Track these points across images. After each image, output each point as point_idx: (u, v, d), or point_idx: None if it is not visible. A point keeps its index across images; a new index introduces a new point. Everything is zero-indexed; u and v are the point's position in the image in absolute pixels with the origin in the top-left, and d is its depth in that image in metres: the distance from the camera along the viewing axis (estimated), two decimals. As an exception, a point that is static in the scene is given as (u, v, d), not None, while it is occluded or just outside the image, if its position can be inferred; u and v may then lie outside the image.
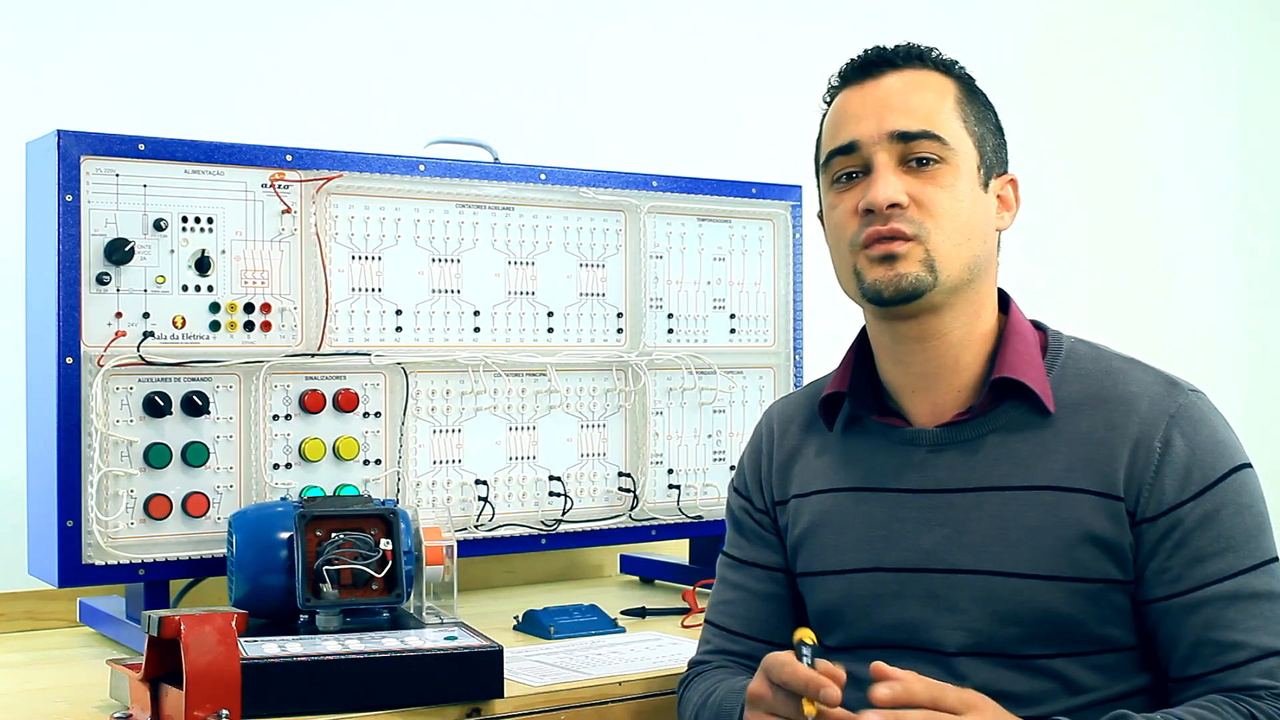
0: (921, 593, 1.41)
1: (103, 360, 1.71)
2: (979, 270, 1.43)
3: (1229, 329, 3.65)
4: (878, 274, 1.40)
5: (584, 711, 1.61)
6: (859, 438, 1.50)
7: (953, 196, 1.40)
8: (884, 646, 1.43)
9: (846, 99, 1.46)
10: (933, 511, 1.42)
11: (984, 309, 1.45)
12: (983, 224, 1.43)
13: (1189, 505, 1.34)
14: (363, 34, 2.38)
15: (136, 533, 1.74)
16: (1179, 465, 1.34)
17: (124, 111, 2.12)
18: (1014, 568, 1.37)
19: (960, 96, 1.44)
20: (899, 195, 1.38)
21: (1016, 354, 1.42)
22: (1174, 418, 1.36)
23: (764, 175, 2.38)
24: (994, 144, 1.46)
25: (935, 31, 3.06)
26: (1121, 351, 1.47)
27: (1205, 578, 1.33)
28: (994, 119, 1.48)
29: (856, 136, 1.42)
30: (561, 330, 2.07)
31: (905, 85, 1.43)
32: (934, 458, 1.43)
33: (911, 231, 1.39)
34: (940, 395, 1.45)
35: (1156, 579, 1.34)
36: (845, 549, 1.47)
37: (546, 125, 2.53)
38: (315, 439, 1.86)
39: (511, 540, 2.02)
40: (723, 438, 2.21)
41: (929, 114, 1.41)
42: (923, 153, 1.40)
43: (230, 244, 1.80)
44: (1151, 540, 1.34)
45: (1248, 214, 3.67)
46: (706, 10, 2.77)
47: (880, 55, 1.45)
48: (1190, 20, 3.60)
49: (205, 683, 1.37)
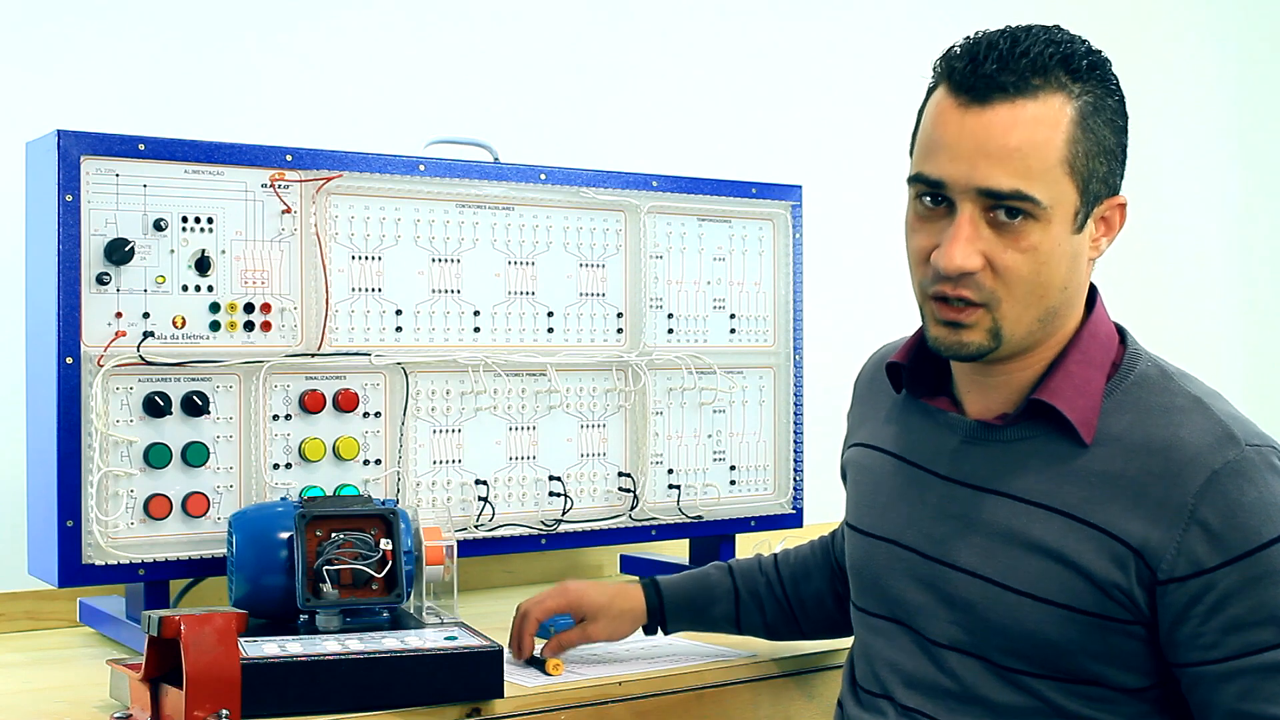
0: (925, 578, 1.42)
1: (103, 360, 1.71)
2: (1053, 314, 1.36)
3: (1229, 328, 3.65)
4: (940, 334, 1.36)
5: (584, 711, 1.61)
6: (914, 411, 1.51)
7: (1033, 259, 1.31)
8: (886, 618, 1.47)
9: (946, 119, 1.32)
10: (950, 502, 1.42)
11: (1061, 329, 1.39)
12: (1065, 273, 1.34)
13: (1226, 570, 1.25)
14: (363, 34, 2.38)
15: (136, 533, 1.74)
16: (1215, 525, 1.25)
17: (124, 111, 2.12)
18: (1009, 581, 1.34)
19: (1076, 128, 1.31)
20: (970, 263, 1.30)
21: (1068, 375, 1.36)
22: (1217, 473, 1.27)
23: (764, 175, 2.38)
24: (1106, 171, 1.35)
25: (935, 33, 3.08)
26: (1200, 387, 1.37)
27: (1245, 647, 1.25)
28: (1112, 140, 1.35)
29: (944, 177, 1.31)
30: (561, 330, 2.06)
31: (1011, 124, 1.28)
32: (967, 449, 1.42)
33: (980, 299, 1.32)
34: (994, 397, 1.42)
35: (1190, 643, 1.27)
36: (878, 512, 1.50)
37: (546, 125, 2.53)
38: (315, 439, 1.86)
39: (511, 540, 2.02)
40: (723, 438, 2.21)
41: (1027, 168, 1.28)
42: (1012, 206, 1.30)
43: (230, 244, 1.80)
44: (1181, 602, 1.27)
45: (1247, 213, 3.67)
46: (706, 10, 2.76)
47: (994, 78, 1.29)
48: (1190, 19, 3.60)
49: (205, 683, 1.37)
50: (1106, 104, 1.35)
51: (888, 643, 1.46)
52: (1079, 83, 1.32)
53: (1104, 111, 1.34)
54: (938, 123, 1.33)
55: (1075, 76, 1.32)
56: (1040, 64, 1.30)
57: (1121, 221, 1.39)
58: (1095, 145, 1.33)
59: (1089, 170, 1.33)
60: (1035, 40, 1.32)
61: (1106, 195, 1.36)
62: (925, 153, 1.35)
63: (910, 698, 1.42)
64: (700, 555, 2.26)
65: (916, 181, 1.35)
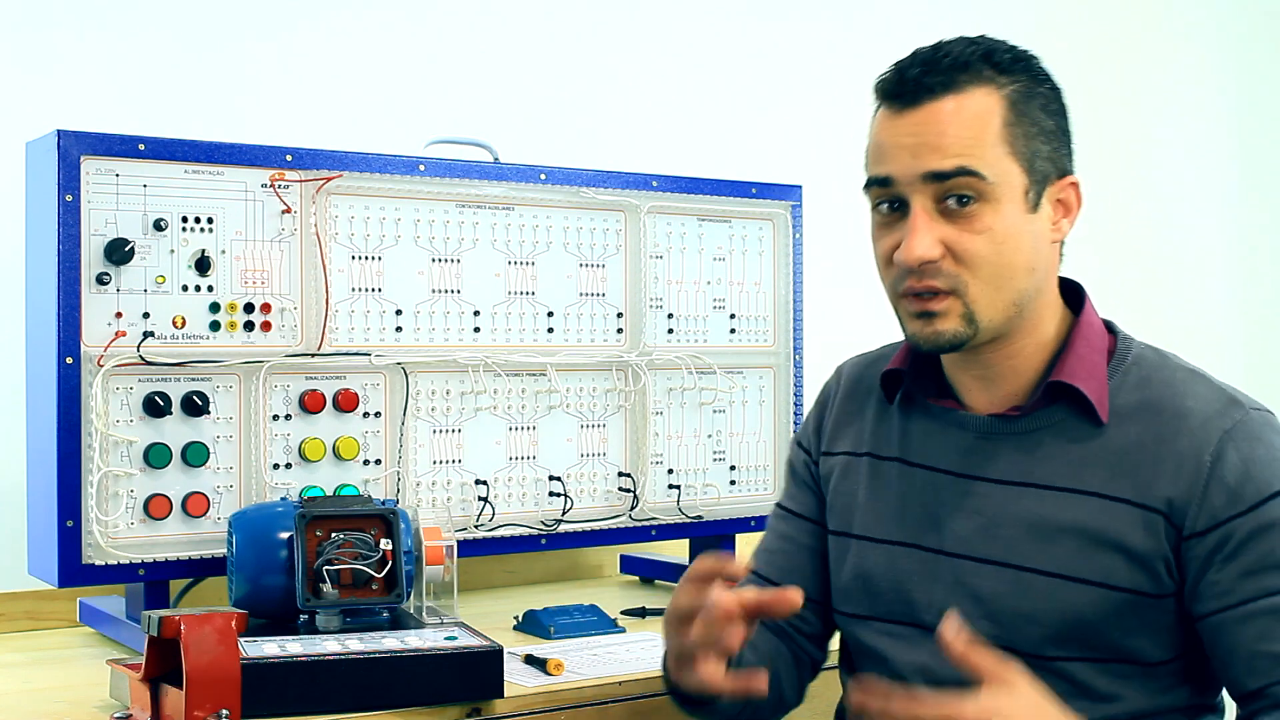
0: (951, 578, 1.43)
1: (103, 360, 1.71)
2: (1027, 298, 1.40)
3: (1229, 328, 3.65)
4: (916, 328, 1.40)
5: (584, 711, 1.61)
6: (916, 414, 1.51)
7: (991, 240, 1.35)
8: (907, 624, 1.46)
9: (884, 126, 1.39)
10: (973, 499, 1.43)
11: (1043, 319, 1.43)
12: (1028, 253, 1.38)
13: (1240, 520, 1.32)
14: (363, 34, 2.38)
15: (136, 533, 1.74)
16: (1230, 479, 1.32)
17: (124, 111, 2.12)
18: (1042, 565, 1.37)
19: (1008, 114, 1.36)
20: (930, 252, 1.34)
21: (1079, 359, 1.40)
22: (1228, 433, 1.34)
23: (764, 175, 2.38)
24: (1049, 152, 1.39)
25: (935, 32, 3.07)
26: (1190, 363, 1.44)
27: (1259, 591, 1.31)
28: (1050, 122, 1.39)
29: (892, 172, 1.37)
30: (561, 330, 2.07)
31: (943, 116, 1.35)
32: (983, 445, 1.44)
33: (947, 286, 1.36)
34: (997, 392, 1.45)
35: (1209, 592, 1.33)
36: (886, 520, 1.49)
37: (546, 125, 2.53)
38: (315, 439, 1.86)
39: (511, 540, 2.02)
40: (723, 438, 2.21)
41: (966, 148, 1.34)
42: (960, 190, 1.34)
43: (230, 244, 1.80)
44: (1201, 555, 1.33)
45: (1248, 212, 3.67)
46: (706, 10, 2.77)
47: (919, 81, 1.36)
48: (1190, 19, 3.60)
49: (205, 683, 1.37)
50: (1037, 91, 1.39)
51: (910, 647, 1.45)
52: (1004, 75, 1.38)
53: (1036, 98, 1.39)
54: (877, 133, 1.41)
55: (999, 69, 1.38)
56: (963, 61, 1.37)
57: (1079, 201, 1.43)
58: (1032, 127, 1.37)
59: (1031, 150, 1.37)
60: (957, 43, 1.40)
61: (1056, 176, 1.40)
62: (873, 160, 1.41)
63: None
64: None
65: (869, 187, 1.41)
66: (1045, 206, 1.40)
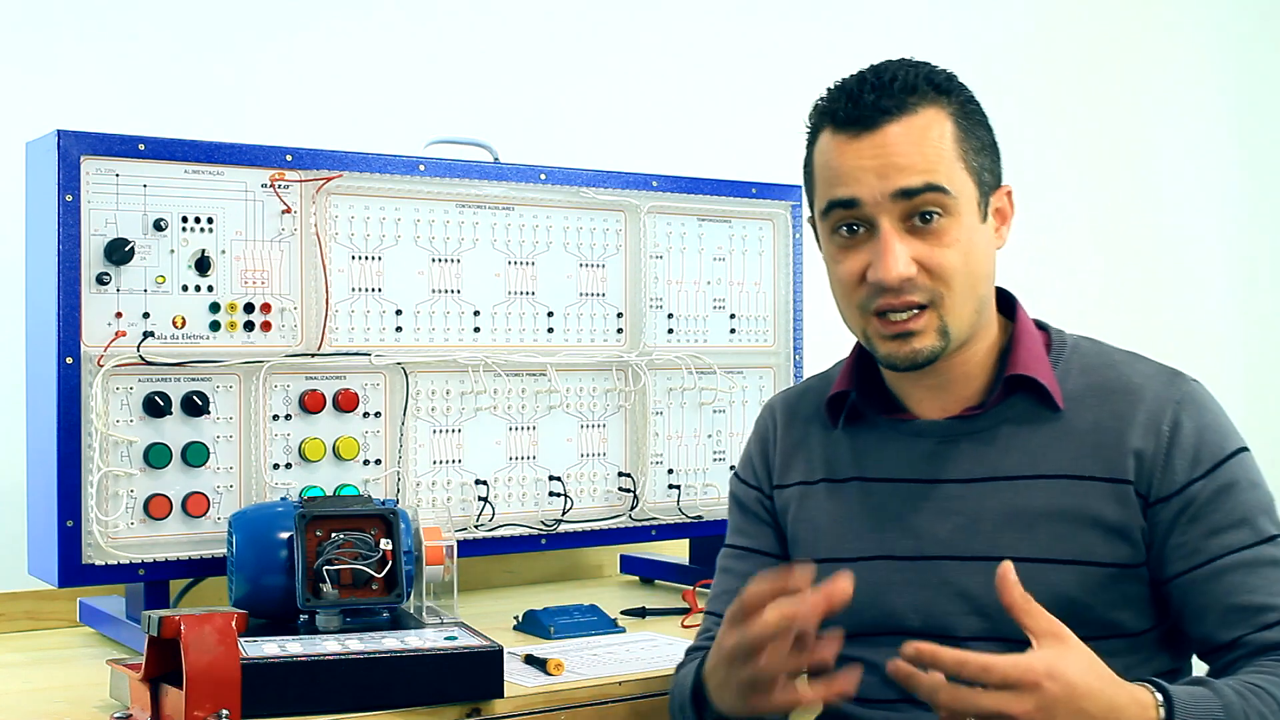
0: (934, 580, 1.44)
1: (103, 360, 1.71)
2: (985, 305, 1.45)
3: (1228, 326, 3.65)
4: (892, 349, 1.42)
5: (584, 711, 1.61)
6: (865, 432, 1.53)
7: (959, 252, 1.40)
8: (895, 632, 1.46)
9: (841, 150, 1.42)
10: (944, 501, 1.45)
11: (991, 325, 1.48)
12: (986, 261, 1.44)
13: (1200, 482, 1.38)
14: (363, 34, 2.38)
15: (136, 533, 1.74)
16: (1188, 446, 1.39)
17: (124, 111, 2.12)
18: (1026, 553, 1.40)
19: (956, 129, 1.41)
20: (909, 269, 1.38)
21: (1027, 352, 1.46)
22: (1179, 403, 1.41)
23: (764, 175, 2.38)
24: (990, 163, 1.45)
25: (935, 32, 3.08)
26: (1122, 347, 1.51)
27: (1224, 548, 1.37)
28: (988, 134, 1.46)
29: (857, 195, 1.40)
30: (561, 330, 2.06)
31: (904, 137, 1.39)
32: (945, 449, 1.47)
33: (925, 299, 1.40)
34: (949, 398, 1.49)
35: (1176, 554, 1.38)
36: (853, 537, 1.50)
37: (546, 125, 2.53)
38: (315, 439, 1.86)
39: (511, 540, 2.02)
40: (723, 438, 2.21)
41: (930, 165, 1.39)
42: (926, 208, 1.39)
43: (230, 244, 1.80)
44: (1167, 519, 1.38)
45: (1247, 211, 3.67)
46: (706, 10, 2.77)
47: (875, 105, 1.40)
48: (1190, 19, 3.60)
49: (205, 683, 1.37)
50: (971, 108, 1.45)
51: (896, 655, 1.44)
52: (944, 95, 1.43)
53: (973, 114, 1.45)
54: (835, 157, 1.42)
55: (939, 90, 1.43)
56: (910, 84, 1.41)
57: (1013, 209, 1.49)
58: (976, 141, 1.44)
59: (979, 164, 1.43)
60: (899, 67, 1.44)
61: (995, 187, 1.47)
62: (830, 185, 1.43)
63: None
64: (700, 555, 2.26)
65: (832, 210, 1.43)
66: (990, 216, 1.46)
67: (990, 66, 3.13)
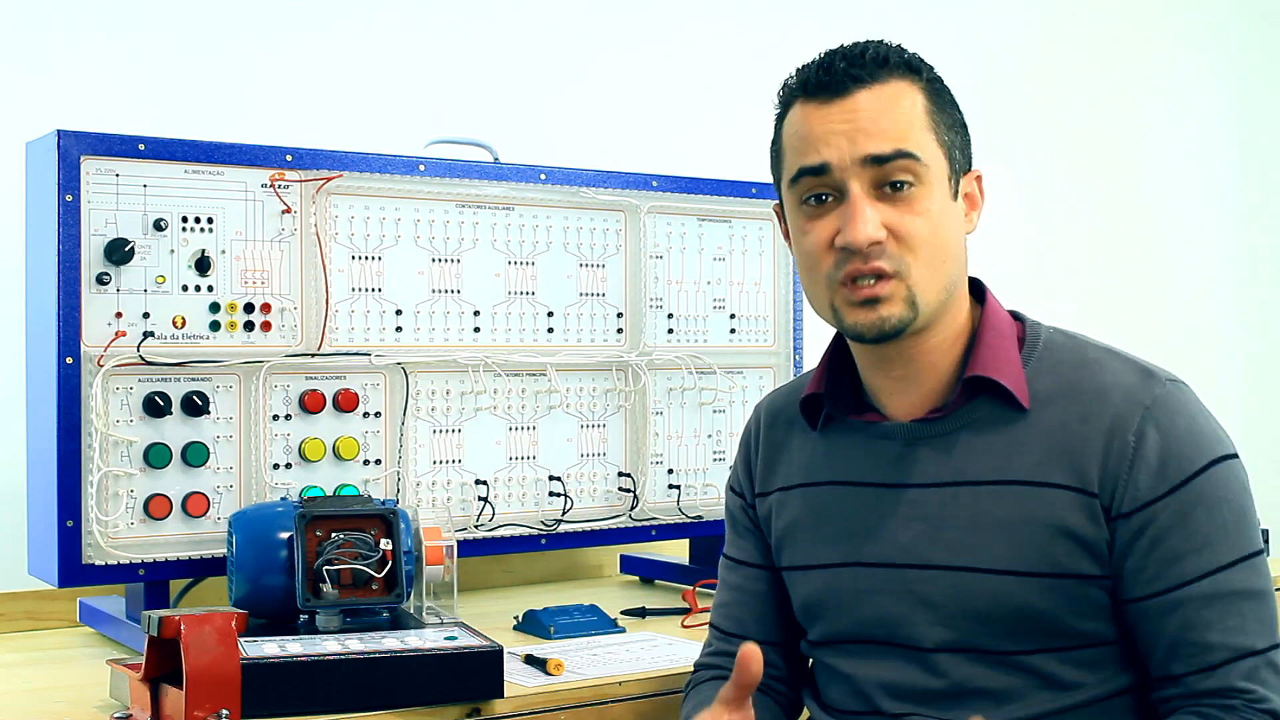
0: (899, 589, 1.41)
1: (103, 360, 1.71)
2: (954, 284, 1.41)
3: (1228, 326, 3.65)
4: (859, 317, 1.38)
5: (584, 711, 1.61)
6: (839, 434, 1.50)
7: (929, 222, 1.37)
8: (864, 641, 1.44)
9: (811, 117, 1.40)
10: (908, 506, 1.42)
11: (960, 310, 1.44)
12: (956, 238, 1.41)
13: (1162, 501, 1.32)
14: (363, 34, 2.39)
15: (136, 533, 1.74)
16: (1153, 460, 1.32)
17: (124, 111, 2.12)
18: (988, 564, 1.36)
19: (929, 104, 1.40)
20: (879, 232, 1.35)
21: (990, 350, 1.40)
22: (1149, 410, 1.34)
23: (764, 175, 2.38)
24: (961, 144, 1.43)
25: (935, 33, 3.08)
26: (1100, 341, 1.45)
27: (1181, 577, 1.31)
28: (959, 117, 1.44)
29: (827, 159, 1.38)
30: (561, 330, 2.07)
31: (875, 103, 1.38)
32: (909, 452, 1.43)
33: (892, 268, 1.36)
34: (916, 394, 1.44)
35: (1134, 579, 1.33)
36: (825, 543, 1.48)
37: (546, 125, 2.53)
38: (315, 439, 1.86)
39: (511, 540, 2.02)
40: (723, 438, 2.21)
41: (902, 133, 1.37)
42: (897, 176, 1.36)
43: (230, 244, 1.80)
44: (1126, 537, 1.33)
45: (1247, 211, 3.67)
46: (706, 10, 2.77)
47: (846, 72, 1.39)
48: (1189, 19, 3.60)
49: (205, 683, 1.37)
50: (941, 87, 1.44)
51: (869, 663, 1.44)
52: (915, 71, 1.42)
53: (944, 93, 1.43)
54: (804, 124, 1.41)
55: (910, 67, 1.42)
56: (882, 57, 1.41)
57: (983, 195, 1.47)
58: (948, 119, 1.42)
59: (950, 141, 1.41)
60: (869, 44, 1.43)
61: (966, 169, 1.44)
62: (799, 153, 1.41)
63: (899, 706, 1.41)
64: (700, 555, 2.26)
65: (801, 178, 1.41)
66: (960, 198, 1.43)
67: (991, 66, 3.14)
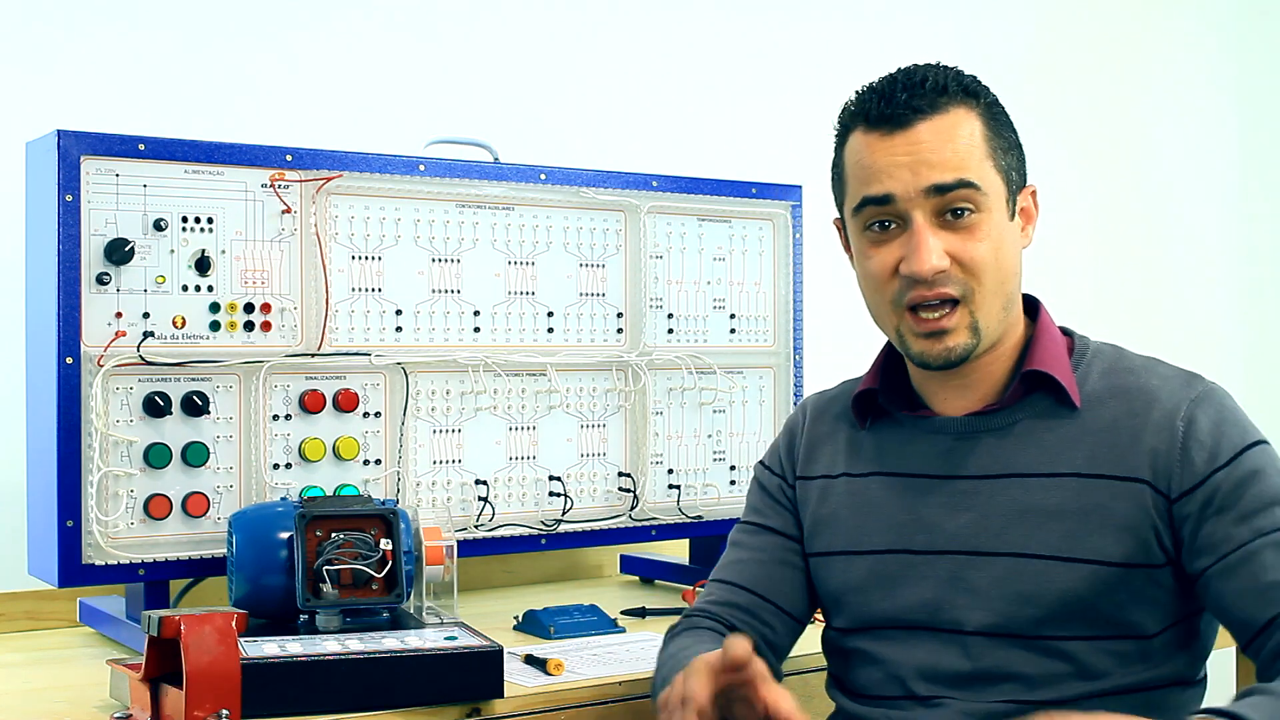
0: (945, 574, 1.46)
1: (103, 360, 1.71)
2: (1011, 303, 1.48)
3: (1228, 326, 3.65)
4: (925, 346, 1.45)
5: (584, 711, 1.61)
6: (890, 429, 1.56)
7: (990, 247, 1.43)
8: (903, 626, 1.48)
9: (874, 147, 1.45)
10: (959, 497, 1.47)
11: (1016, 321, 1.50)
12: (1015, 258, 1.47)
13: (1222, 472, 1.37)
14: (362, 34, 2.38)
15: (136, 533, 1.74)
16: (1205, 439, 1.39)
17: (124, 111, 2.12)
18: (1035, 550, 1.41)
19: (986, 129, 1.45)
20: (942, 261, 1.41)
21: (1046, 351, 1.47)
22: (1195, 400, 1.41)
23: (764, 175, 2.38)
24: (1016, 163, 1.49)
25: (935, 32, 3.08)
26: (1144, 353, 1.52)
27: (1255, 531, 1.35)
28: (1014, 137, 1.50)
29: (891, 190, 1.43)
30: (561, 330, 2.06)
31: (936, 134, 1.43)
32: (962, 445, 1.49)
33: (958, 293, 1.42)
34: (970, 396, 1.51)
35: (1206, 544, 1.37)
36: (871, 531, 1.52)
37: (546, 125, 2.53)
38: (315, 439, 1.86)
39: (511, 540, 2.02)
40: (723, 438, 2.21)
41: (962, 162, 1.42)
42: (958, 204, 1.42)
43: (230, 244, 1.80)
44: (1194, 512, 1.38)
45: (1247, 211, 3.67)
46: (706, 10, 2.76)
47: (908, 104, 1.43)
48: (1190, 19, 3.60)
49: (205, 683, 1.37)
50: (998, 109, 1.49)
51: (905, 647, 1.48)
52: (972, 96, 1.47)
53: (1000, 115, 1.49)
54: (867, 154, 1.46)
55: (968, 91, 1.46)
56: (940, 85, 1.45)
57: (1037, 209, 1.53)
58: (1004, 142, 1.48)
59: (1007, 164, 1.47)
60: (927, 70, 1.47)
61: (1021, 186, 1.50)
62: (863, 182, 1.46)
63: (931, 689, 1.44)
64: (700, 555, 2.26)
65: (865, 207, 1.46)
66: (1016, 215, 1.49)
67: (991, 66, 3.12)
